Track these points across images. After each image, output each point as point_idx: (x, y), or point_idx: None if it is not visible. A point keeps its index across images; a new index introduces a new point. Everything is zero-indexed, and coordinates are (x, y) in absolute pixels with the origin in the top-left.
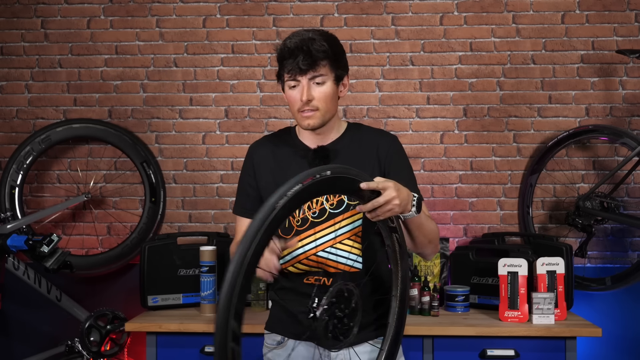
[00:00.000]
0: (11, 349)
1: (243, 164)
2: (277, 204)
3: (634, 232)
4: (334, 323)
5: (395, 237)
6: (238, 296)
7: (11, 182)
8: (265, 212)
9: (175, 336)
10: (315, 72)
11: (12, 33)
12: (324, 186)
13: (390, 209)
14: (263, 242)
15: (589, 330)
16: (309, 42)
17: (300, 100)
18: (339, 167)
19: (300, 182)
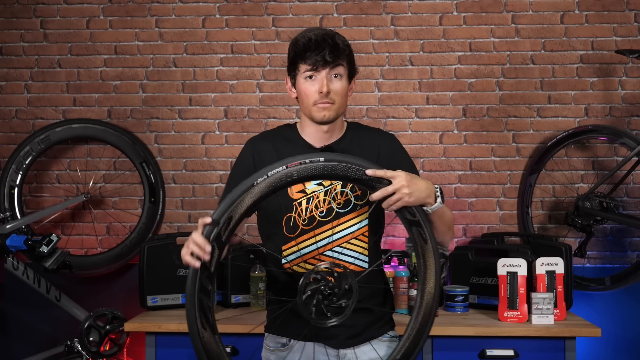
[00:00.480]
0: (10, 349)
1: (239, 157)
2: (257, 180)
3: (634, 232)
4: (319, 298)
5: (416, 231)
6: (211, 254)
7: (10, 182)
8: (243, 186)
9: (175, 336)
10: (337, 65)
11: (11, 33)
12: (318, 172)
13: (399, 198)
14: (238, 215)
15: (588, 331)
16: (334, 36)
17: (319, 92)
18: (336, 155)
19: (284, 165)
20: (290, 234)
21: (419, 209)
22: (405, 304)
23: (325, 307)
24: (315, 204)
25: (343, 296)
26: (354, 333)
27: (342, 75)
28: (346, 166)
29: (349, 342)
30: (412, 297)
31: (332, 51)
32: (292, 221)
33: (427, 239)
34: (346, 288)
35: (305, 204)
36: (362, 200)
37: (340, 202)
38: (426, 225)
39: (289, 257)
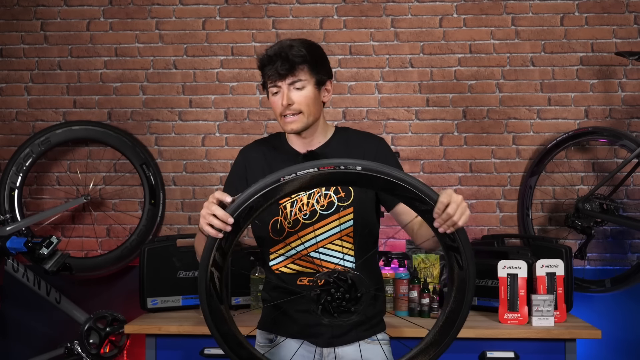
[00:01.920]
0: (10, 351)
1: (233, 166)
2: (284, 177)
3: (634, 234)
4: (327, 298)
5: (454, 257)
6: (225, 234)
7: (11, 184)
8: (271, 179)
9: (175, 338)
10: (294, 76)
11: (11, 35)
12: (351, 180)
13: (463, 212)
14: (258, 203)
15: (588, 332)
16: (287, 49)
17: (282, 105)
18: (376, 165)
19: (317, 166)
20: (277, 236)
21: (461, 233)
22: (405, 306)
23: (332, 307)
24: (299, 207)
25: (351, 301)
26: (339, 333)
27: (304, 86)
28: (385, 179)
29: (333, 341)
30: (413, 299)
31: (283, 64)
32: (278, 224)
33: (464, 265)
34: (358, 295)
35: (290, 207)
36: (346, 202)
37: (323, 204)
38: (467, 252)
39: (277, 259)
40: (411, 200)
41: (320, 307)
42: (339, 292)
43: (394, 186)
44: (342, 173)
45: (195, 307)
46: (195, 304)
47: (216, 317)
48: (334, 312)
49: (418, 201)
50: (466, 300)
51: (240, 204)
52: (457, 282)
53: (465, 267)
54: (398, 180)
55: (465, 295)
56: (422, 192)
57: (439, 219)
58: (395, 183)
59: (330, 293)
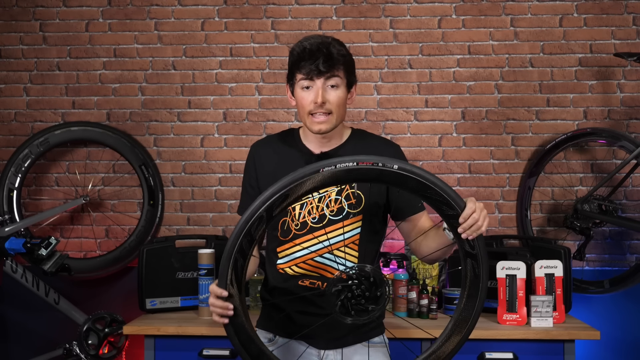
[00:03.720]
0: (9, 352)
1: (245, 163)
2: (324, 168)
3: (632, 235)
4: (347, 295)
5: (471, 264)
6: (255, 222)
7: (9, 185)
8: (308, 170)
9: (174, 339)
10: (332, 75)
11: (10, 36)
12: (386, 178)
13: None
14: (293, 191)
15: (587, 333)
16: (329, 45)
17: (314, 102)
18: (411, 166)
19: (356, 161)
20: (284, 237)
21: (480, 241)
22: (404, 307)
23: (352, 305)
24: (308, 209)
25: (370, 300)
26: (337, 335)
27: (338, 85)
28: (418, 180)
29: (331, 343)
30: (411, 300)
31: (326, 61)
32: (285, 225)
33: (479, 272)
34: (377, 295)
35: (299, 209)
36: (356, 209)
37: (333, 209)
38: (484, 259)
39: (282, 259)
40: (439, 204)
41: (339, 304)
42: (359, 290)
43: (425, 188)
44: (378, 170)
45: (193, 308)
46: (194, 305)
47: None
48: (352, 309)
49: (445, 205)
50: (477, 307)
51: (277, 190)
52: (469, 289)
53: (480, 275)
54: (431, 183)
55: (477, 302)
56: (451, 197)
57: (464, 224)
58: (427, 185)
59: (352, 290)
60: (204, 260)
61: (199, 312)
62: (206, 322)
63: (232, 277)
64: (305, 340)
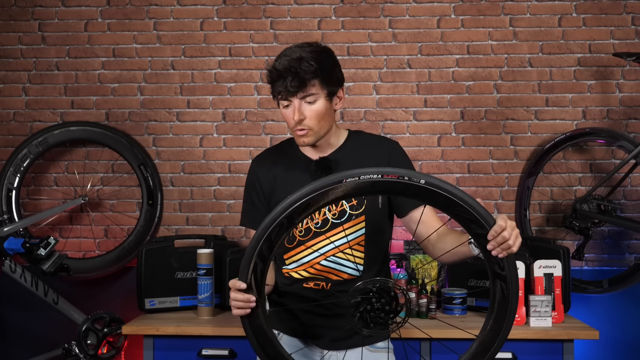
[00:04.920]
0: (8, 352)
1: (247, 178)
2: (347, 179)
3: (631, 235)
4: (367, 307)
5: (500, 285)
6: (275, 228)
7: (8, 185)
8: (333, 179)
9: (173, 339)
10: (305, 92)
11: (9, 36)
12: (411, 192)
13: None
14: (316, 200)
15: (586, 333)
16: (296, 63)
17: (293, 120)
18: (439, 181)
19: (380, 173)
20: (289, 244)
21: (511, 262)
22: None
23: (370, 317)
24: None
25: (390, 314)
26: (341, 336)
27: (315, 99)
28: (446, 197)
29: (335, 344)
30: (410, 299)
31: (294, 79)
32: (290, 232)
33: (509, 295)
34: (398, 310)
35: (321, 209)
36: (357, 210)
37: (335, 212)
38: (514, 281)
39: (289, 265)
40: (468, 222)
41: (358, 314)
42: (379, 303)
43: (454, 205)
44: (404, 184)
45: (192, 307)
46: (193, 305)
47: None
48: (370, 322)
49: (474, 223)
50: (504, 330)
51: (298, 198)
52: (496, 310)
53: (509, 297)
54: (460, 200)
55: (504, 325)
56: (481, 215)
57: (493, 241)
58: (456, 202)
59: (371, 303)
60: (203, 260)
61: (198, 312)
62: (205, 322)
63: (251, 281)
64: (310, 339)
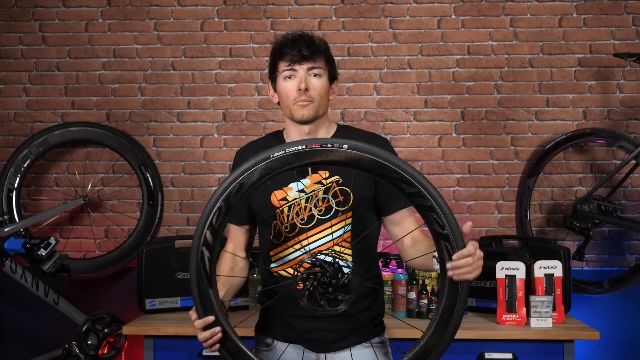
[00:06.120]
0: (8, 352)
1: (230, 170)
2: (273, 154)
3: (632, 235)
4: (314, 283)
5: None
6: (215, 213)
7: (9, 186)
8: (259, 157)
9: (173, 339)
10: (315, 62)
11: (9, 36)
12: (337, 159)
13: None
14: (248, 182)
15: (586, 334)
16: (309, 34)
17: (298, 90)
18: (362, 145)
19: (304, 145)
20: (276, 240)
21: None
22: (404, 307)
23: (320, 295)
24: (296, 211)
25: (339, 290)
26: (334, 338)
27: (321, 74)
28: (371, 159)
29: (329, 346)
30: (411, 300)
31: (308, 46)
32: (276, 228)
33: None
34: (345, 283)
35: (287, 212)
36: (344, 206)
37: (321, 208)
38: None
39: (275, 263)
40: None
41: (307, 293)
42: (324, 277)
43: (381, 168)
44: (328, 151)
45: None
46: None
47: (205, 303)
48: (321, 299)
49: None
50: (461, 294)
51: (231, 180)
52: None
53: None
54: (385, 161)
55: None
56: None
57: (454, 263)
58: (382, 165)
59: (317, 277)
60: None
61: None
62: None
63: (201, 271)
64: (303, 344)
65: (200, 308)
